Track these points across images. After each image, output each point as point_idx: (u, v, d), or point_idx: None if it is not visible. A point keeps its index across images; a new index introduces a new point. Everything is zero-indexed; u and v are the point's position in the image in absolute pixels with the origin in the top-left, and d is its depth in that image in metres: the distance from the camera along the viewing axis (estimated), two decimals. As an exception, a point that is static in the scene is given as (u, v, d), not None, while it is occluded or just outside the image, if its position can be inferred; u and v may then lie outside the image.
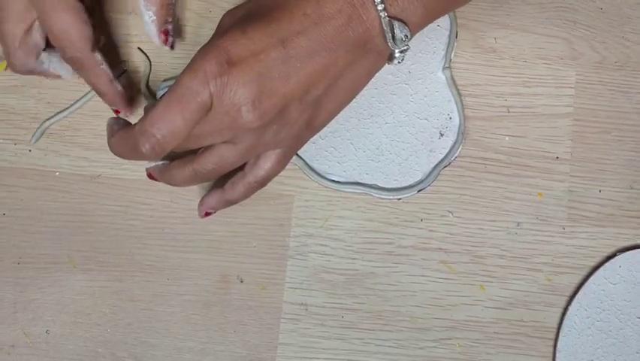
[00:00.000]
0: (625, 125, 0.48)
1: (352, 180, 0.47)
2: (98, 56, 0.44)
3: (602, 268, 0.47)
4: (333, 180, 0.47)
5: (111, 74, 0.44)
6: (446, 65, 0.47)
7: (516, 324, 0.47)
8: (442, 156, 0.47)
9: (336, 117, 0.45)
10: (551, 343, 0.47)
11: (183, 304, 0.47)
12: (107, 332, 0.47)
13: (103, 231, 0.47)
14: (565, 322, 0.47)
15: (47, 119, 0.47)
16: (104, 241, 0.47)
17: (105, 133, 0.43)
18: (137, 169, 0.47)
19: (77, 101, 0.47)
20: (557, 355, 0.46)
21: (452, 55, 0.48)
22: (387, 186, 0.47)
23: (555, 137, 0.48)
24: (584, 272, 0.47)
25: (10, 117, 0.48)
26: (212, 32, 0.42)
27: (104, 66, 0.44)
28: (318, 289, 0.47)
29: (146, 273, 0.47)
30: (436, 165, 0.47)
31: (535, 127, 0.48)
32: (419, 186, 0.47)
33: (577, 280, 0.47)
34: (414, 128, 0.47)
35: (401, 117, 0.47)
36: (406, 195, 0.47)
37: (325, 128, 0.46)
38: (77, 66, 0.44)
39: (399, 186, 0.47)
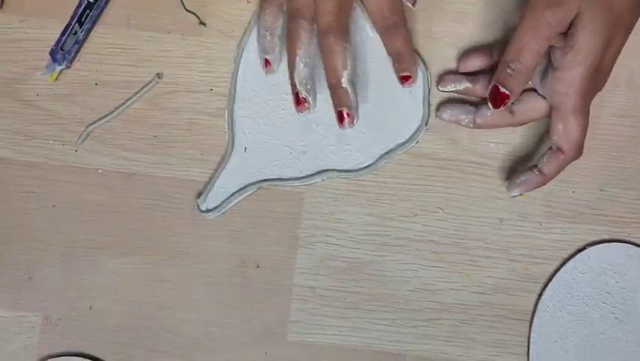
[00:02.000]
0: (597, 135, 0.53)
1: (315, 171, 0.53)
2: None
3: (572, 260, 0.52)
4: (297, 178, 0.52)
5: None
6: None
7: (497, 307, 0.53)
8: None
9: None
10: (527, 324, 0.52)
11: (208, 286, 0.53)
12: (142, 307, 0.53)
13: (139, 221, 0.53)
14: (539, 306, 0.52)
15: (91, 124, 0.53)
16: (140, 230, 0.53)
17: (141, 136, 0.51)
18: (170, 168, 0.53)
19: (117, 108, 0.53)
20: (532, 334, 0.52)
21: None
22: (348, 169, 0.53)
23: (535, 144, 0.53)
24: (557, 263, 0.53)
25: (59, 121, 0.53)
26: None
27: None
28: (325, 275, 0.53)
29: (176, 258, 0.53)
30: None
31: (516, 135, 0.53)
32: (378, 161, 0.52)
33: (551, 269, 0.53)
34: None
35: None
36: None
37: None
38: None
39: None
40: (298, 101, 0.49)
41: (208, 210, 0.52)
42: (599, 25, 0.44)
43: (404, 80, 0.50)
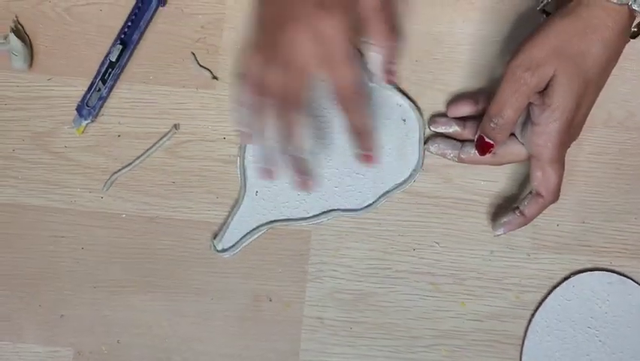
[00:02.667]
0: (578, 172, 0.57)
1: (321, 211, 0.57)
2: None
3: (559, 288, 0.56)
4: (305, 218, 0.57)
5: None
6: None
7: (490, 333, 0.57)
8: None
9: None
10: (519, 348, 0.56)
11: (224, 319, 0.57)
12: (165, 341, 0.57)
13: (160, 261, 0.57)
14: (529, 331, 0.56)
15: (115, 172, 0.58)
16: (161, 269, 0.57)
17: (161, 182, 0.56)
18: (188, 211, 0.57)
19: (138, 157, 0.58)
20: (523, 358, 0.56)
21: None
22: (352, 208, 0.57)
23: (520, 183, 0.58)
24: (545, 291, 0.57)
25: (86, 171, 0.58)
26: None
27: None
28: (332, 306, 0.57)
29: (195, 294, 0.57)
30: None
31: (504, 174, 0.58)
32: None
33: (539, 297, 0.57)
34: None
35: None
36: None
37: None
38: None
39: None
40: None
41: (224, 250, 0.57)
42: (573, 86, 0.49)
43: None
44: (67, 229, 0.58)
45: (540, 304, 0.57)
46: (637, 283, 0.57)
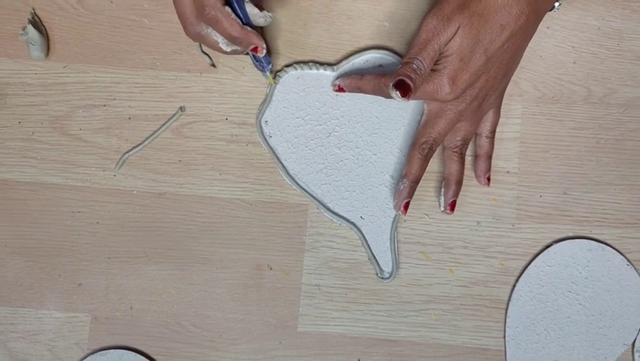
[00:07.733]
0: (560, 146, 0.61)
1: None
2: (228, 9, 0.52)
3: (541, 255, 0.59)
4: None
5: (240, 22, 0.52)
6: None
7: (477, 298, 0.60)
8: None
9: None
10: (503, 311, 0.60)
11: (228, 287, 0.61)
12: (174, 307, 0.61)
13: (169, 233, 0.61)
14: (513, 295, 0.59)
15: (126, 152, 0.62)
16: (169, 241, 0.61)
17: (168, 161, 0.59)
18: (193, 187, 0.61)
19: (147, 138, 0.62)
20: (507, 320, 0.60)
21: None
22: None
23: (506, 156, 0.60)
24: (528, 258, 0.60)
25: (100, 151, 0.62)
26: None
27: (233, 16, 0.52)
28: (328, 274, 0.60)
29: (201, 264, 0.61)
30: None
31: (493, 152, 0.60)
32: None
33: (523, 264, 0.60)
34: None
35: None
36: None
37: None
38: (213, 22, 0.51)
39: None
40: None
41: (390, 274, 0.60)
42: (471, 36, 0.53)
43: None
44: (83, 205, 0.62)
45: (523, 270, 0.60)
46: (615, 249, 0.59)
